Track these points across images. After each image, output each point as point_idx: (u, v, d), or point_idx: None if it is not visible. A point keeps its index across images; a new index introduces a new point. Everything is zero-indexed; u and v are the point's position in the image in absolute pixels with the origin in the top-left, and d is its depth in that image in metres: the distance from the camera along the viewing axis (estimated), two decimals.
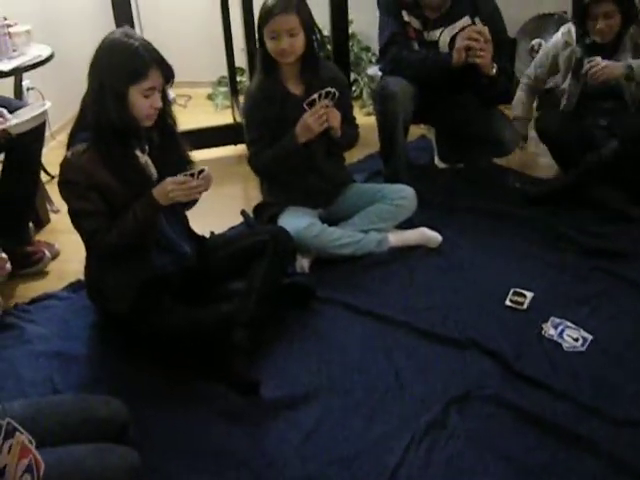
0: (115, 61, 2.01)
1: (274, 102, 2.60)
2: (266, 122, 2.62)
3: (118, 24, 3.18)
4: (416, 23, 2.98)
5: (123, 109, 2.02)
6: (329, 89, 2.48)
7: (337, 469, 1.80)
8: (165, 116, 2.18)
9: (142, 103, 2.04)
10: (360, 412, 1.98)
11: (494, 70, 2.82)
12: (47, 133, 2.86)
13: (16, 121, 2.51)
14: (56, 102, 3.00)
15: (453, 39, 2.89)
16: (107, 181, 2.06)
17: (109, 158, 2.06)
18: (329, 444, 1.87)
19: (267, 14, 2.49)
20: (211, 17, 4.17)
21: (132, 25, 3.24)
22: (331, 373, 2.13)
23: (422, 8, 2.96)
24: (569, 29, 3.11)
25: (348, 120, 2.71)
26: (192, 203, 2.32)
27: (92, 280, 2.32)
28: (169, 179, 2.06)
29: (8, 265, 1.75)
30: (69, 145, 2.11)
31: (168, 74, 2.07)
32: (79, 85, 2.13)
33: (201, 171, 2.07)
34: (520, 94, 3.36)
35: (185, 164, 2.25)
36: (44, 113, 2.66)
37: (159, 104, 2.08)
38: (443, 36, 2.96)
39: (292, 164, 2.65)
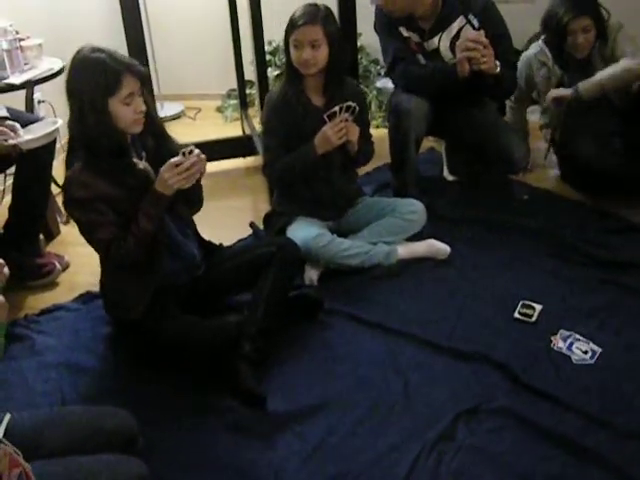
0: (87, 79, 1.99)
1: (295, 111, 2.62)
2: (284, 130, 2.64)
3: (129, 38, 3.20)
4: (415, 37, 2.99)
5: (107, 124, 2.01)
6: (350, 103, 2.50)
7: None
8: (151, 118, 2.17)
9: (125, 111, 2.03)
10: (368, 425, 1.98)
11: (498, 69, 2.81)
12: (58, 145, 2.88)
13: (27, 138, 2.52)
14: (67, 115, 3.02)
15: (453, 42, 2.90)
16: (111, 192, 2.06)
17: (107, 172, 2.07)
18: (336, 457, 1.87)
19: (293, 23, 2.52)
20: (221, 30, 4.19)
21: (142, 39, 3.25)
22: (339, 385, 2.13)
23: (415, 20, 2.96)
24: (542, 48, 3.17)
25: (365, 137, 2.73)
26: (197, 204, 2.34)
27: (108, 291, 2.33)
28: (163, 168, 2.06)
29: (6, 269, 1.74)
30: (67, 168, 2.12)
31: (142, 76, 2.07)
32: None
33: (190, 151, 2.07)
34: (508, 110, 3.48)
35: None
36: (56, 130, 2.68)
37: (143, 107, 2.07)
38: (442, 42, 2.96)
39: (307, 175, 2.66)
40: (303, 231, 2.60)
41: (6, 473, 1.25)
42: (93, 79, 1.98)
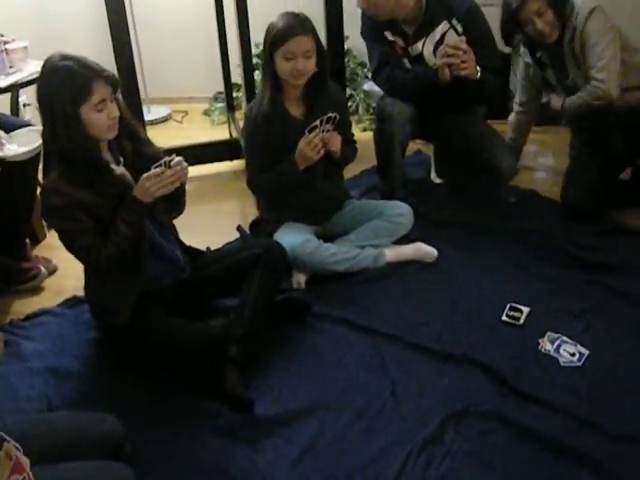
0: (56, 87, 1.96)
1: (275, 125, 2.59)
2: (266, 145, 2.61)
3: (115, 41, 3.19)
4: (399, 40, 2.99)
5: (79, 133, 1.99)
6: (330, 114, 2.47)
7: None
8: (126, 123, 2.15)
9: (98, 118, 2.00)
10: (356, 428, 1.97)
11: (479, 74, 2.81)
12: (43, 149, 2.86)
13: (12, 153, 2.50)
14: None
15: (437, 47, 2.90)
16: (88, 199, 2.05)
17: (83, 180, 2.04)
18: (325, 461, 1.86)
19: (284, 35, 2.44)
20: (207, 33, 4.19)
21: (129, 42, 3.24)
22: (327, 389, 2.13)
23: (399, 25, 2.96)
24: (524, 50, 3.10)
25: (347, 138, 2.72)
26: (178, 208, 2.33)
27: (93, 296, 2.32)
28: (145, 176, 2.05)
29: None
30: (44, 176, 2.11)
31: (113, 81, 2.03)
32: None
33: (171, 160, 2.06)
34: (511, 120, 3.39)
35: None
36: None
37: (116, 113, 2.05)
38: (426, 46, 2.96)
39: (291, 187, 2.66)
40: (289, 238, 2.59)
41: (5, 477, 1.22)
42: (62, 88, 1.95)
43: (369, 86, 4.29)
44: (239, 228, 3.01)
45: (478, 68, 2.79)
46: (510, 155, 3.13)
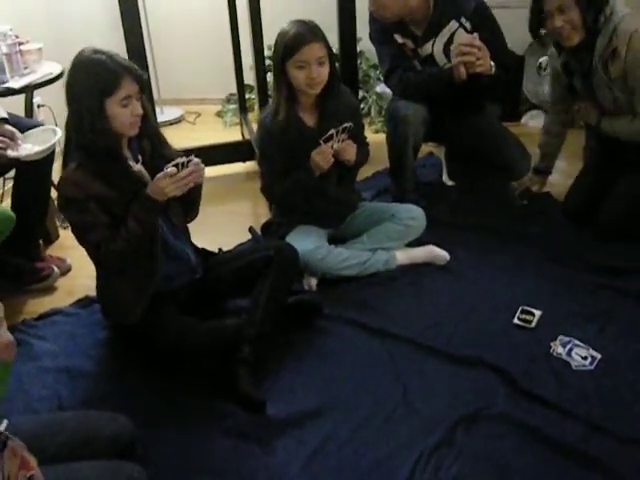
0: (85, 78, 2.00)
1: (290, 135, 2.57)
2: (281, 154, 2.60)
3: (128, 42, 3.20)
4: (408, 42, 2.99)
5: (102, 126, 2.01)
6: (346, 125, 2.48)
7: None
8: (149, 124, 2.18)
9: (122, 113, 2.03)
10: (367, 430, 1.97)
11: (493, 69, 2.80)
12: (57, 149, 2.88)
13: (27, 152, 2.51)
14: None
15: (447, 47, 2.90)
16: (104, 192, 2.06)
17: (101, 173, 2.07)
18: (336, 463, 1.87)
19: (296, 43, 2.41)
20: (220, 35, 4.20)
21: (142, 43, 3.25)
22: (338, 391, 2.13)
23: (408, 26, 2.96)
24: (552, 52, 2.92)
25: (360, 141, 2.72)
26: (193, 211, 2.35)
27: (104, 295, 2.33)
28: (160, 175, 2.06)
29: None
30: (63, 168, 2.13)
31: (141, 81, 2.07)
32: None
33: (189, 160, 2.06)
34: (544, 125, 3.20)
35: None
36: (56, 142, 2.67)
37: (139, 111, 2.07)
38: (436, 47, 2.96)
39: (307, 194, 2.65)
40: (301, 243, 2.58)
41: (14, 473, 1.22)
42: (91, 79, 1.99)
43: (381, 88, 4.29)
44: (251, 229, 3.02)
45: (492, 63, 2.78)
46: (523, 153, 3.13)
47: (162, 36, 4.62)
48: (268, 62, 3.90)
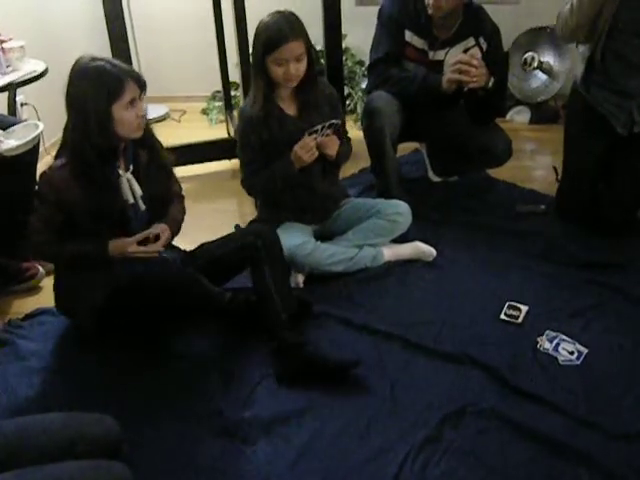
0: (91, 86, 2.02)
1: (270, 124, 2.58)
2: (261, 144, 2.60)
3: (112, 39, 3.18)
4: (420, 43, 2.99)
5: (109, 131, 2.06)
6: (333, 121, 2.50)
7: None
8: (146, 129, 2.20)
9: (128, 116, 2.07)
10: (354, 428, 1.97)
11: (491, 83, 2.83)
12: (41, 148, 2.86)
13: (8, 145, 2.49)
14: (50, 117, 3.00)
15: None
16: (76, 199, 2.10)
17: (85, 176, 2.09)
18: (323, 460, 1.86)
19: (275, 42, 2.42)
20: (205, 32, 4.18)
21: (126, 40, 3.24)
22: (325, 388, 2.12)
23: (432, 27, 2.96)
24: None
25: (342, 136, 2.71)
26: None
27: (60, 295, 2.40)
28: (129, 240, 2.16)
29: None
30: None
31: (142, 83, 2.11)
32: None
33: (157, 236, 2.19)
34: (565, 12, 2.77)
35: (170, 181, 2.36)
36: (38, 135, 2.65)
37: (144, 111, 2.12)
38: (449, 56, 2.97)
39: (287, 186, 2.65)
40: (287, 239, 2.57)
41: None
42: (97, 86, 2.02)
43: None
44: (237, 227, 3.01)
45: (491, 78, 2.82)
46: (503, 137, 3.13)
47: (146, 33, 4.59)
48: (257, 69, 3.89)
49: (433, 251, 2.77)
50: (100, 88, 2.02)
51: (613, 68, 2.70)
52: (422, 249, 2.78)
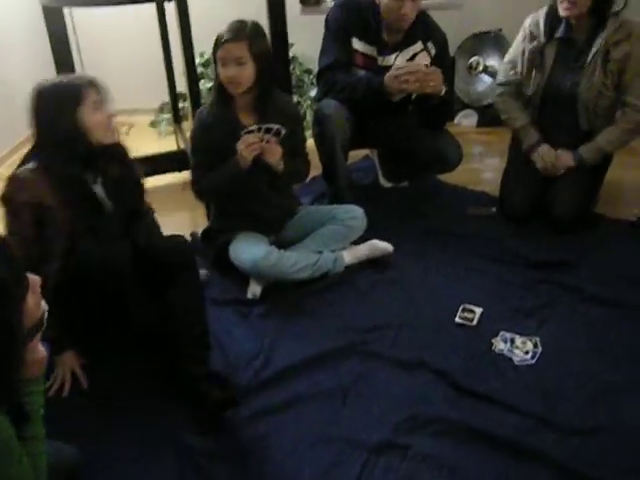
0: (52, 101, 2.04)
1: (223, 131, 2.57)
2: (213, 149, 2.59)
3: (55, 52, 3.13)
4: (368, 49, 3.00)
5: (80, 140, 2.05)
6: (272, 125, 2.49)
7: None
8: (119, 145, 2.21)
9: (96, 117, 2.06)
10: (308, 441, 1.94)
11: (443, 92, 2.86)
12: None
13: None
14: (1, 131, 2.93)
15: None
16: (49, 203, 2.04)
17: (57, 179, 2.05)
18: (279, 476, 1.84)
19: (219, 38, 2.48)
20: (150, 43, 4.12)
21: (69, 49, 3.19)
22: (277, 400, 2.09)
23: (381, 32, 2.98)
24: (537, 20, 2.91)
25: (300, 154, 2.73)
26: None
27: None
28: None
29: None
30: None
31: (99, 86, 2.10)
32: (25, 113, 2.08)
33: None
34: (503, 106, 3.14)
35: (139, 195, 2.33)
36: None
37: (113, 112, 2.11)
38: (398, 60, 2.99)
39: (234, 190, 2.63)
40: (249, 251, 2.58)
41: None
42: (57, 98, 2.04)
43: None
44: (193, 234, 2.99)
45: (444, 86, 2.85)
46: (453, 143, 3.16)
47: (90, 45, 4.51)
48: (200, 69, 3.87)
49: (389, 247, 2.79)
50: (61, 98, 2.03)
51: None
52: (378, 246, 2.80)
